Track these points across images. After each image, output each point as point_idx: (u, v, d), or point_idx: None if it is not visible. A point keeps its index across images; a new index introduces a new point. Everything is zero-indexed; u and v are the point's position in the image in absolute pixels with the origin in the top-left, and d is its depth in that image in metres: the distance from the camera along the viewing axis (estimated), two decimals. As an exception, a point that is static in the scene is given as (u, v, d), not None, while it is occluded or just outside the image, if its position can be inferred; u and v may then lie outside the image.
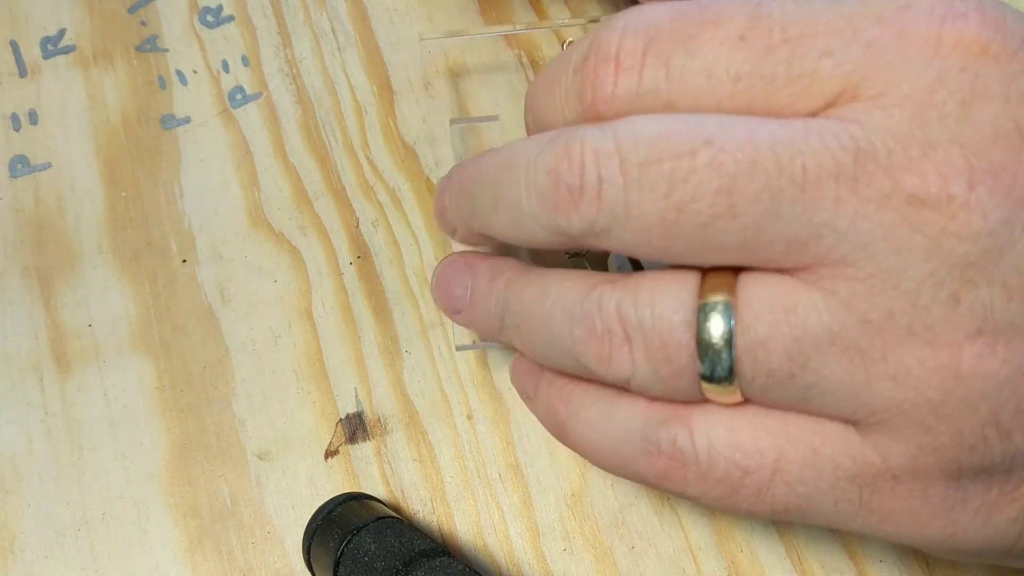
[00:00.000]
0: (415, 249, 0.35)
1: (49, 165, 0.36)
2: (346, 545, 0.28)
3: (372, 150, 0.36)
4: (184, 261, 0.35)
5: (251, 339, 0.34)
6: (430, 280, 0.30)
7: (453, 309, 0.28)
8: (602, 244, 0.22)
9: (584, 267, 0.33)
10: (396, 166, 0.36)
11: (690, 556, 0.31)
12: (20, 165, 0.36)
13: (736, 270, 0.22)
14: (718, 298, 0.21)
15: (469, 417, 0.33)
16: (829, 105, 0.21)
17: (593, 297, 0.23)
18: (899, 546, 0.31)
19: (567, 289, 0.24)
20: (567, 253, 0.32)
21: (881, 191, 0.20)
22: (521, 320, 0.25)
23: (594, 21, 0.35)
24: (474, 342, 0.33)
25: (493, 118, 0.34)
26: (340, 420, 0.33)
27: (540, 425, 0.32)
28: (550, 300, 0.24)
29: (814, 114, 0.21)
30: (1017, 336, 0.19)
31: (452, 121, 0.34)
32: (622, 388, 0.24)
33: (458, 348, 0.33)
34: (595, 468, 0.32)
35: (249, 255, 0.35)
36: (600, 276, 0.24)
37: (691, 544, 0.31)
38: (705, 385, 0.22)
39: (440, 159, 0.36)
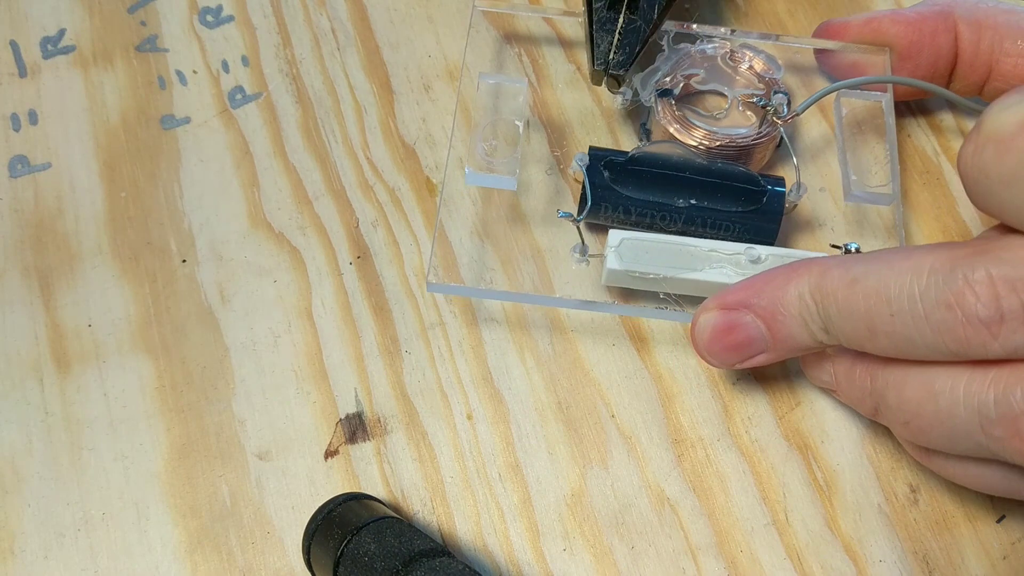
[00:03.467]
0: (415, 249, 0.35)
1: (49, 165, 0.36)
2: (346, 545, 0.28)
3: (372, 150, 0.36)
4: (184, 261, 0.35)
5: (251, 339, 0.34)
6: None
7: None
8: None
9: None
10: (396, 166, 0.36)
11: (690, 556, 0.31)
12: (20, 165, 0.36)
13: None
14: None
15: (469, 417, 0.33)
16: None
17: (1015, 396, 0.24)
18: (899, 546, 0.31)
19: (961, 388, 0.25)
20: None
21: None
22: (910, 417, 0.27)
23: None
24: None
25: (520, 80, 0.34)
26: (340, 420, 0.33)
27: (540, 425, 0.32)
28: (944, 399, 0.26)
29: None
30: None
31: (481, 75, 0.34)
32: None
33: (430, 288, 0.33)
34: (595, 468, 0.32)
35: (249, 255, 0.35)
36: (998, 369, 0.25)
37: (691, 544, 0.31)
38: None
39: (440, 160, 0.36)
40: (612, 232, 0.32)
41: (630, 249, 0.32)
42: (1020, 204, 0.23)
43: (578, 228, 0.32)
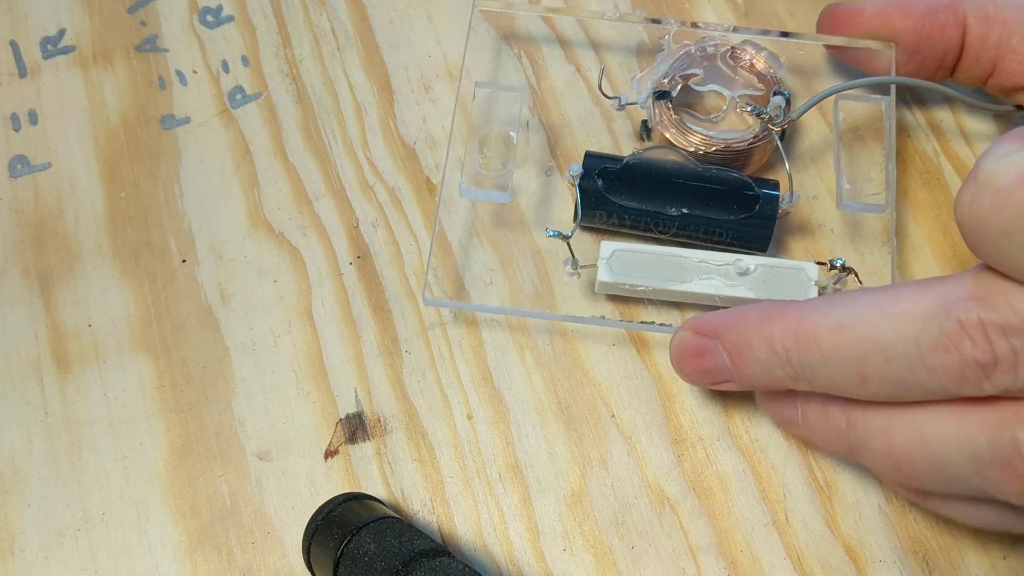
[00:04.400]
0: (415, 249, 0.35)
1: (49, 165, 0.36)
2: (346, 545, 0.28)
3: (372, 150, 0.36)
4: (184, 261, 0.35)
5: (251, 339, 0.34)
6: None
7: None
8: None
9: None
10: (396, 166, 0.36)
11: (690, 556, 0.31)
12: (20, 165, 0.36)
13: None
14: None
15: (469, 417, 0.33)
16: None
17: (1005, 439, 0.24)
18: (899, 546, 0.31)
19: (952, 432, 0.25)
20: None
21: None
22: (900, 463, 0.27)
23: (655, 21, 0.35)
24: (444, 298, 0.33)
25: (516, 88, 0.34)
26: (340, 420, 0.33)
27: (540, 425, 0.32)
28: (935, 444, 0.26)
29: None
30: None
31: (477, 84, 0.34)
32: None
33: (427, 303, 0.33)
34: (595, 468, 0.32)
35: (249, 255, 0.35)
36: (987, 411, 0.25)
37: (691, 544, 0.31)
38: None
39: (440, 160, 0.36)
40: (604, 244, 0.32)
41: (621, 261, 0.32)
42: (1017, 255, 0.23)
43: (568, 244, 0.32)
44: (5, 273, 0.35)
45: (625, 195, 0.33)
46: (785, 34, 0.35)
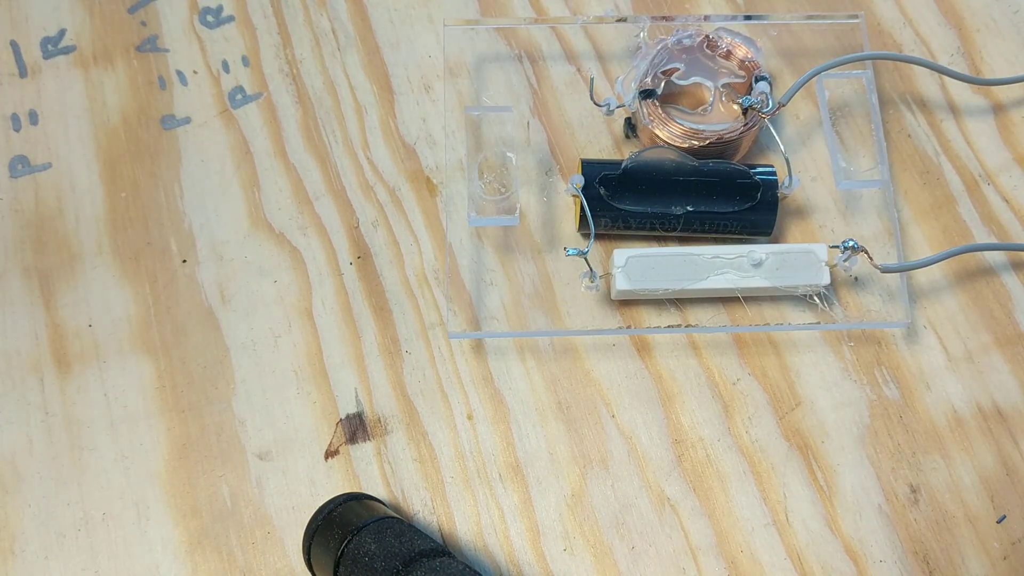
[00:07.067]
0: (415, 249, 0.35)
1: (49, 165, 0.36)
2: (346, 545, 0.28)
3: (372, 150, 0.36)
4: (184, 261, 0.35)
5: (251, 339, 0.34)
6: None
7: None
8: None
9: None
10: (396, 166, 0.36)
11: (690, 556, 0.31)
12: (20, 165, 0.36)
13: None
14: None
15: (469, 417, 0.33)
16: None
17: None
18: (899, 546, 0.31)
19: None
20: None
21: None
22: None
23: (622, 20, 0.36)
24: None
25: (506, 108, 0.34)
26: (340, 420, 0.33)
27: (540, 425, 0.32)
28: None
29: None
30: None
31: (467, 109, 0.34)
32: None
33: (452, 336, 0.33)
34: (595, 468, 0.32)
35: (249, 255, 0.35)
36: None
37: (691, 544, 0.31)
38: None
39: (440, 160, 0.36)
40: (617, 252, 0.32)
41: (636, 267, 0.32)
42: None
43: (586, 259, 0.32)
44: (5, 273, 0.35)
45: (628, 200, 0.33)
46: (748, 17, 0.36)
